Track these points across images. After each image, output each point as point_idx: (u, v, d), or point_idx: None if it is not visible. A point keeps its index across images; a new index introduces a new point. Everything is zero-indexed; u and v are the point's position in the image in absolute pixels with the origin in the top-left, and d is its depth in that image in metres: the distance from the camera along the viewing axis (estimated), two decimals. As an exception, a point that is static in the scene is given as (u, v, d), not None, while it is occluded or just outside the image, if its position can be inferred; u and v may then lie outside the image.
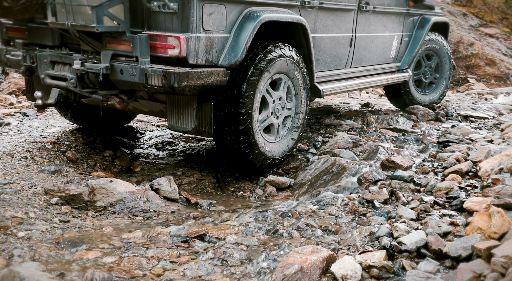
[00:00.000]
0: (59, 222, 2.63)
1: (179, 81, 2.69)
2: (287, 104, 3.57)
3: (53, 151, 3.79)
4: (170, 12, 2.76)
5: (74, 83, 2.96)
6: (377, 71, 4.70)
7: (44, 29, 3.20)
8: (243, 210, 2.96)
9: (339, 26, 3.99)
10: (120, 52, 2.89)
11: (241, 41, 3.00)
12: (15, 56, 3.25)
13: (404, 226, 2.23)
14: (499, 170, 2.61)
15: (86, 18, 2.76)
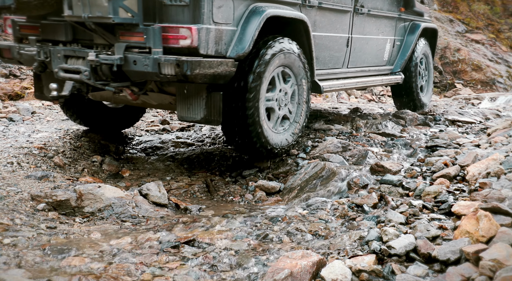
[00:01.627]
0: (46, 228, 2.59)
1: (192, 69, 2.81)
2: (289, 99, 3.73)
3: (40, 156, 3.74)
4: (182, 4, 2.91)
5: (87, 75, 3.04)
6: (371, 72, 4.87)
7: (57, 25, 3.29)
8: (232, 215, 2.95)
9: (336, 26, 4.15)
10: (133, 44, 2.99)
11: (248, 34, 3.16)
12: (28, 52, 3.31)
13: (393, 230, 2.24)
14: (486, 174, 2.64)
15: (102, 10, 2.86)
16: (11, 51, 3.47)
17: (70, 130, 4.75)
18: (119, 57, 2.94)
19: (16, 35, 3.57)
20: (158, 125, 5.79)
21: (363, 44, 4.58)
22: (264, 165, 3.89)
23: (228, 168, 4.19)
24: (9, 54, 3.51)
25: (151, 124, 5.94)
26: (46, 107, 5.95)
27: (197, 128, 5.87)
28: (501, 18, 13.56)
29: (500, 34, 13.16)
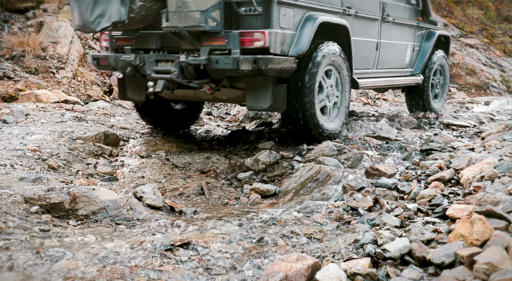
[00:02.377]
0: (39, 231, 2.56)
1: (266, 65, 3.56)
2: (335, 93, 4.37)
3: (34, 159, 3.72)
4: (255, 14, 3.63)
5: (176, 74, 3.75)
6: (395, 73, 5.53)
7: (148, 36, 4.04)
8: (227, 217, 2.94)
9: (368, 32, 4.86)
10: (215, 47, 3.70)
11: (305, 37, 3.89)
12: (126, 59, 4.01)
13: (388, 233, 2.24)
14: (481, 177, 2.65)
15: (196, 20, 3.58)
16: (108, 59, 4.19)
17: (64, 132, 4.73)
18: (205, 58, 3.65)
19: (113, 47, 4.28)
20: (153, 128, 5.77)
21: (389, 48, 5.25)
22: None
23: (223, 171, 4.18)
24: (105, 62, 4.24)
25: (146, 126, 5.92)
26: (40, 109, 5.92)
27: (193, 131, 5.86)
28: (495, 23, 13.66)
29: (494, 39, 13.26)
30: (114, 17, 3.65)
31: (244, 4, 3.66)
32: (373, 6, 4.84)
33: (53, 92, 6.70)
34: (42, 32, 7.94)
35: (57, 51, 7.66)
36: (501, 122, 5.23)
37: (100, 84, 7.90)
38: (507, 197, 2.23)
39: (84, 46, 8.19)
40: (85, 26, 3.83)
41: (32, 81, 6.99)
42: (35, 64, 7.32)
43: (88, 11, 3.70)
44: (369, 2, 4.80)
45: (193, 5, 3.62)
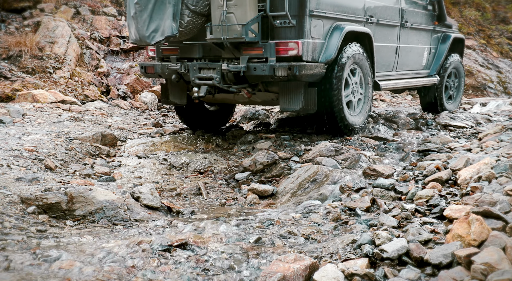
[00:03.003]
0: (35, 231, 2.55)
1: (299, 71, 4.02)
2: (360, 90, 4.78)
3: (31, 159, 3.70)
4: (289, 26, 4.09)
5: (218, 80, 4.24)
6: (413, 75, 5.90)
7: (192, 46, 4.49)
8: (225, 218, 2.94)
9: (388, 38, 5.28)
10: (253, 56, 4.16)
11: (333, 45, 4.33)
12: (172, 67, 4.50)
13: (386, 234, 2.24)
14: (478, 178, 2.66)
15: (237, 33, 4.05)
16: (155, 68, 4.67)
17: (61, 132, 4.72)
18: (244, 65, 4.13)
19: (159, 56, 4.75)
20: (151, 128, 5.76)
21: (407, 51, 5.66)
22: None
23: (221, 171, 4.18)
24: (152, 70, 4.72)
25: (144, 127, 5.91)
26: (37, 109, 5.90)
27: (189, 132, 5.85)
28: (491, 24, 13.71)
29: (491, 40, 13.31)
30: (167, 31, 4.10)
31: (279, 17, 4.09)
32: (393, 14, 5.26)
33: (50, 92, 6.69)
34: (39, 32, 7.91)
35: (54, 51, 7.64)
36: (498, 123, 5.24)
37: (98, 84, 7.88)
38: (505, 198, 2.24)
39: (82, 46, 8.17)
40: (141, 40, 4.27)
41: (29, 81, 6.96)
42: (32, 64, 7.30)
43: (144, 27, 4.15)
44: (389, 11, 5.20)
45: (235, 19, 4.04)
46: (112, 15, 9.06)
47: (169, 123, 6.46)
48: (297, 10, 4.07)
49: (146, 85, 8.33)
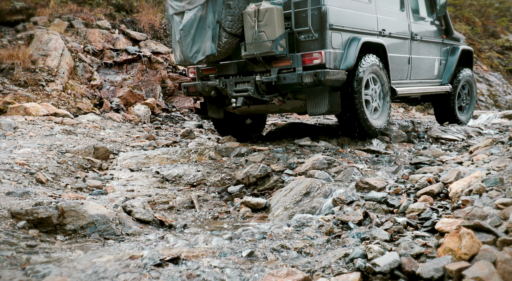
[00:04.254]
0: (25, 246, 2.52)
1: (324, 76, 4.63)
2: (378, 95, 5.33)
3: (22, 173, 3.67)
4: (312, 39, 4.73)
5: (253, 91, 4.89)
6: (426, 84, 6.43)
7: (227, 65, 5.16)
8: (218, 231, 2.92)
9: (401, 49, 5.87)
10: (282, 67, 4.81)
11: (351, 54, 4.90)
12: (212, 84, 5.17)
13: (378, 248, 2.24)
14: (469, 191, 2.67)
15: (268, 48, 4.66)
16: (196, 86, 5.36)
17: (53, 146, 4.69)
18: (275, 76, 4.78)
19: (199, 76, 5.40)
20: (144, 141, 5.75)
21: (419, 62, 6.20)
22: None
23: (214, 184, 4.17)
24: (193, 89, 5.42)
25: (137, 139, 5.89)
26: (29, 122, 5.87)
27: (183, 144, 5.84)
28: (481, 38, 13.93)
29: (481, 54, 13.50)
30: (207, 51, 4.74)
31: (303, 32, 4.76)
32: (403, 28, 5.88)
33: (43, 105, 6.66)
34: (32, 45, 7.91)
35: (47, 64, 7.64)
36: (489, 136, 5.29)
37: (91, 97, 7.87)
38: (495, 211, 2.25)
39: (75, 59, 8.17)
40: (185, 60, 4.93)
41: (21, 94, 6.94)
42: (25, 77, 7.28)
43: (188, 49, 4.82)
44: (399, 25, 5.81)
45: (265, 37, 4.65)
46: (106, 28, 9.09)
47: (162, 136, 6.45)
48: (318, 25, 4.71)
49: (139, 98, 8.34)
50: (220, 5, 4.63)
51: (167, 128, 7.24)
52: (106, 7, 9.75)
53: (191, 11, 4.73)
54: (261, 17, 4.60)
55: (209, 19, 4.67)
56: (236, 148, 5.11)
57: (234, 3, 4.70)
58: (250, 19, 4.66)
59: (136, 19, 9.80)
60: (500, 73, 13.27)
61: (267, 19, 4.59)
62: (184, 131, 6.53)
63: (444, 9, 6.46)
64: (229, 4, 4.66)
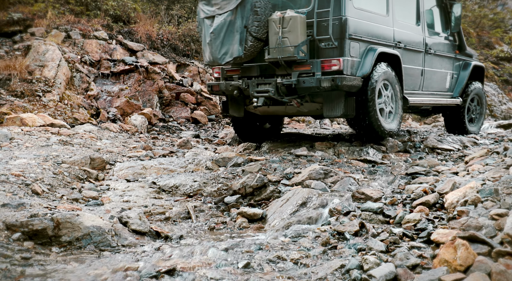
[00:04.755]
0: (20, 259, 2.51)
1: (341, 81, 4.91)
2: (391, 102, 5.60)
3: (17, 184, 3.66)
4: (332, 47, 5.04)
5: (273, 92, 5.17)
6: (438, 96, 6.69)
7: (251, 67, 5.50)
8: (214, 242, 2.92)
9: (415, 61, 6.13)
10: (302, 72, 5.11)
11: (367, 63, 5.21)
12: (235, 84, 5.46)
13: (374, 259, 2.24)
14: (464, 202, 2.68)
15: (290, 53, 4.97)
16: (220, 86, 5.64)
17: (49, 156, 4.68)
18: (295, 79, 5.08)
19: (224, 76, 5.71)
20: (141, 151, 5.74)
21: (432, 74, 6.47)
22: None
23: (210, 194, 4.16)
24: (217, 88, 5.69)
25: (134, 150, 5.89)
26: (25, 133, 5.86)
27: (180, 154, 5.84)
28: (476, 49, 14.05)
29: (476, 64, 13.58)
30: (235, 54, 5.13)
31: (324, 40, 5.08)
32: (418, 42, 6.16)
33: (39, 116, 6.66)
34: (29, 55, 7.94)
35: (44, 75, 7.65)
36: (484, 147, 5.32)
37: (87, 107, 7.87)
38: (490, 222, 2.26)
39: (72, 69, 8.19)
40: (214, 61, 5.31)
41: (18, 104, 6.94)
42: (21, 88, 7.29)
43: (217, 51, 5.19)
44: (414, 39, 6.10)
45: (288, 42, 4.98)
46: (103, 39, 9.13)
47: (159, 146, 6.45)
48: (338, 34, 5.03)
49: (136, 108, 8.35)
50: (248, 12, 5.00)
51: (164, 138, 7.24)
52: (103, 18, 9.80)
53: (221, 16, 5.12)
54: (286, 24, 4.96)
55: (238, 24, 5.06)
56: (233, 158, 5.11)
57: (261, 10, 5.05)
58: (275, 26, 5.02)
59: (133, 29, 9.85)
60: (495, 83, 13.37)
61: (291, 26, 4.95)
62: (181, 141, 6.53)
63: (458, 26, 6.70)
64: (257, 11, 5.01)
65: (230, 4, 5.05)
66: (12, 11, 9.16)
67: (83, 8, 9.95)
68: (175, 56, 9.91)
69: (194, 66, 9.74)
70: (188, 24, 10.60)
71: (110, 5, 10.07)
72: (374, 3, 5.53)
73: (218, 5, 5.15)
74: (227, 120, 8.95)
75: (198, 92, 9.18)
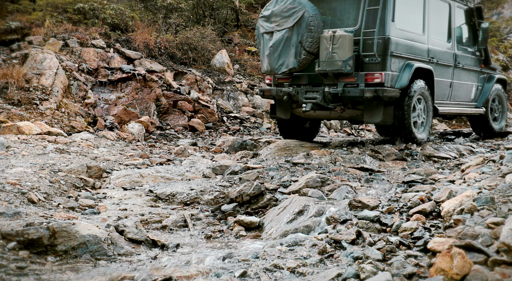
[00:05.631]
0: (15, 268, 2.49)
1: (382, 93, 5.62)
2: (423, 114, 6.30)
3: (13, 192, 3.64)
4: (375, 62, 5.75)
5: (320, 99, 5.92)
6: (464, 105, 7.38)
7: (300, 76, 6.24)
8: (211, 251, 2.91)
9: (445, 74, 6.83)
10: (348, 83, 5.83)
11: (405, 77, 5.88)
12: (285, 91, 6.21)
13: (370, 267, 2.24)
14: (460, 210, 2.69)
15: (339, 66, 5.68)
16: (271, 91, 6.41)
17: (46, 165, 4.67)
18: (341, 89, 5.80)
19: (275, 83, 6.50)
20: (138, 159, 5.74)
21: (459, 86, 7.18)
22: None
23: (207, 202, 4.16)
24: (268, 93, 6.48)
25: (131, 158, 5.88)
26: (22, 141, 5.85)
27: (177, 162, 5.84)
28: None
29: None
30: (290, 65, 5.89)
31: (368, 56, 5.79)
32: (448, 57, 6.88)
33: (36, 124, 6.65)
34: (27, 64, 7.94)
35: (41, 83, 7.65)
36: (480, 155, 5.34)
37: (85, 115, 7.87)
38: (486, 231, 2.26)
39: (69, 77, 8.20)
40: (271, 71, 6.05)
41: (15, 113, 6.93)
42: (18, 96, 7.29)
43: (275, 62, 5.97)
44: (446, 54, 6.81)
45: (337, 57, 5.68)
46: (101, 47, 9.16)
47: (156, 154, 6.45)
48: (382, 51, 5.73)
49: (133, 116, 8.35)
50: (303, 29, 5.77)
51: (161, 146, 7.24)
52: (101, 26, 9.84)
53: (280, 32, 5.91)
54: (336, 41, 5.67)
55: (294, 40, 5.83)
56: (230, 166, 5.11)
57: (314, 28, 5.79)
58: (326, 42, 5.73)
59: (131, 38, 9.89)
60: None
61: (340, 43, 5.66)
62: (178, 149, 6.53)
63: (485, 42, 7.37)
64: (311, 28, 5.76)
65: (288, 22, 5.82)
66: (10, 19, 9.19)
67: (81, 16, 9.99)
68: (173, 64, 9.94)
69: (191, 74, 9.77)
70: (185, 32, 10.65)
71: (108, 13, 10.11)
72: (412, 24, 6.22)
73: (277, 23, 5.93)
74: (224, 128, 8.96)
75: (196, 100, 9.20)
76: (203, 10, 12.61)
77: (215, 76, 10.22)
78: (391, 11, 5.75)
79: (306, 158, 5.48)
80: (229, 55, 11.16)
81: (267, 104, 9.83)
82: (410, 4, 6.20)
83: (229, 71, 10.61)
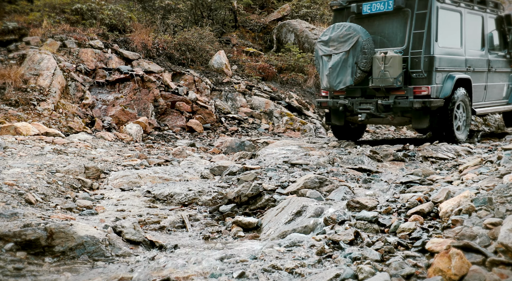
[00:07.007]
0: (12, 269, 2.48)
1: (429, 104, 6.53)
2: (463, 117, 7.16)
3: (11, 193, 3.63)
4: (422, 77, 6.65)
5: (373, 110, 6.91)
6: (496, 104, 8.36)
7: (354, 89, 7.13)
8: (208, 252, 2.90)
9: (480, 79, 7.71)
10: (398, 95, 6.74)
11: (448, 87, 6.81)
12: (342, 103, 7.19)
13: (369, 268, 2.24)
14: (458, 211, 2.69)
15: (390, 82, 6.61)
16: (328, 103, 7.41)
17: (43, 166, 4.66)
18: (392, 101, 6.73)
19: (331, 96, 7.42)
20: (136, 160, 5.73)
21: (492, 87, 8.09)
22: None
23: (205, 203, 4.15)
24: (325, 104, 7.47)
25: (128, 158, 5.87)
26: (19, 142, 5.84)
27: (175, 163, 5.83)
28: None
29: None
30: (347, 83, 6.78)
31: (416, 72, 6.67)
32: (482, 63, 7.77)
33: (33, 125, 6.63)
34: (24, 64, 7.93)
35: (38, 83, 7.64)
36: (478, 156, 5.35)
37: (82, 116, 7.85)
38: (484, 231, 2.27)
39: (67, 78, 8.18)
40: (331, 87, 6.94)
41: (12, 113, 6.91)
42: (16, 97, 7.27)
43: (334, 81, 6.85)
44: (481, 62, 7.70)
45: (389, 74, 6.60)
46: (99, 48, 9.14)
47: (154, 154, 6.44)
48: (427, 68, 6.63)
49: (131, 117, 8.34)
50: (358, 52, 6.72)
51: (159, 147, 7.23)
52: (99, 27, 9.82)
53: (337, 55, 6.84)
54: (387, 61, 6.62)
55: (350, 61, 6.76)
56: (228, 167, 5.11)
57: (368, 50, 6.74)
58: (378, 62, 6.67)
59: (129, 38, 9.88)
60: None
61: (391, 63, 6.60)
62: (176, 150, 6.52)
63: None
64: (365, 51, 6.73)
65: (344, 46, 6.76)
66: (8, 20, 9.16)
67: (78, 17, 9.97)
68: (171, 65, 9.94)
69: (189, 75, 9.76)
70: (183, 33, 10.64)
71: (106, 14, 10.09)
72: (452, 40, 7.12)
73: (335, 47, 6.86)
74: (223, 129, 8.97)
75: (194, 101, 9.19)
76: (201, 11, 12.61)
77: (213, 77, 10.22)
78: (435, 33, 6.67)
79: (304, 158, 5.48)
80: (227, 56, 11.16)
81: (265, 105, 9.87)
82: (450, 23, 7.05)
83: (227, 72, 10.61)
